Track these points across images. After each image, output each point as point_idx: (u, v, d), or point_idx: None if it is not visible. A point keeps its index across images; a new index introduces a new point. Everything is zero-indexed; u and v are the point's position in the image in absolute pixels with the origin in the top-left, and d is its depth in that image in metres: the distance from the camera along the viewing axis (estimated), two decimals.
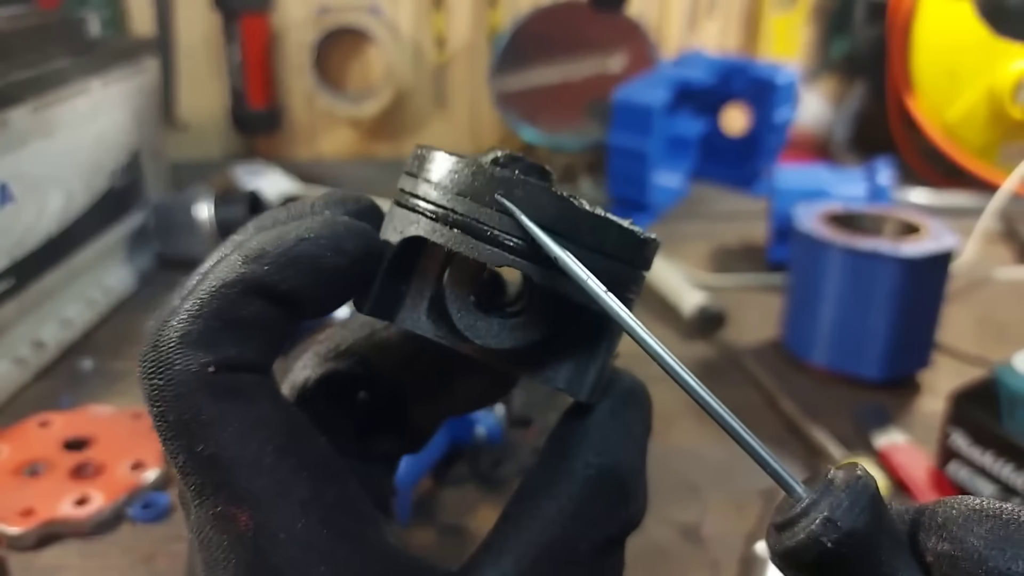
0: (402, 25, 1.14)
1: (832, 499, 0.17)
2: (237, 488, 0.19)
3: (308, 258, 0.21)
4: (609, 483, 0.22)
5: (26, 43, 0.66)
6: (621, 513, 0.22)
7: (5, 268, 0.59)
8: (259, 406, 0.20)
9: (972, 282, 0.81)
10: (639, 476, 0.23)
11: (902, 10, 1.04)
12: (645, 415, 0.25)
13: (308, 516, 0.19)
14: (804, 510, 0.18)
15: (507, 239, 0.20)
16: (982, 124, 1.01)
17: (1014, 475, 0.46)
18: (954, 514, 0.18)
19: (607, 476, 0.22)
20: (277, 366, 0.22)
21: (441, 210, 0.21)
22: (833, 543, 0.17)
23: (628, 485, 0.22)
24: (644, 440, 0.24)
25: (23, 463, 0.50)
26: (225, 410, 0.19)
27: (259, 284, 0.21)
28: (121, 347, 0.66)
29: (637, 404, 0.24)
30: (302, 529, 0.19)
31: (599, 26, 1.07)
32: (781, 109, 0.99)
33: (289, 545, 0.19)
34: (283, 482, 0.20)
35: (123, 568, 0.44)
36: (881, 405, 0.58)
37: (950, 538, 0.17)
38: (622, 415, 0.23)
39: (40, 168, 0.63)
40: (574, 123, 1.09)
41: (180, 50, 1.10)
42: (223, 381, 0.20)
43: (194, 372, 0.19)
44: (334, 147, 1.19)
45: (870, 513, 0.17)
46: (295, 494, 0.20)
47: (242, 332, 0.20)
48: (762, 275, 0.80)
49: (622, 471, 0.22)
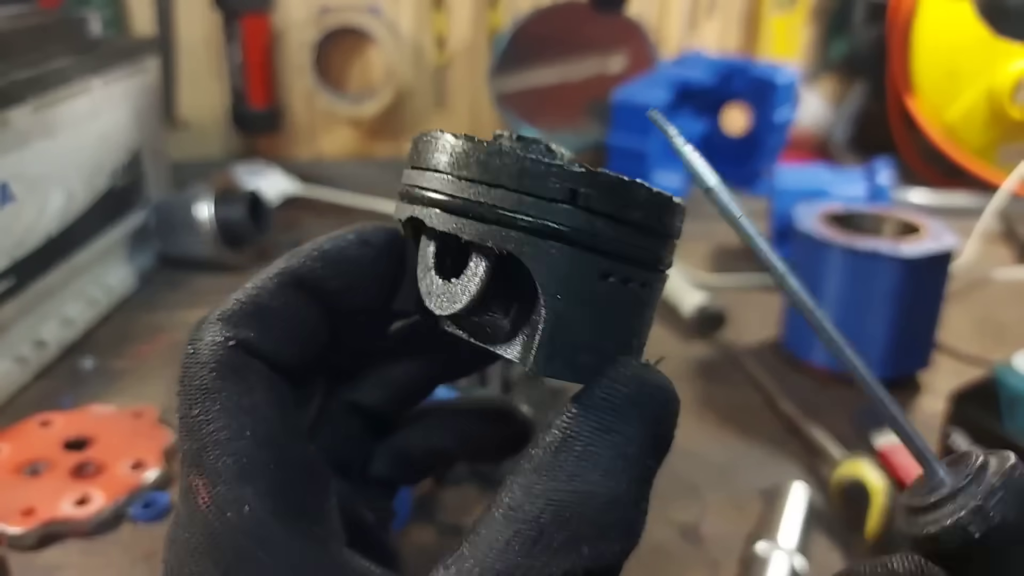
0: (402, 25, 1.14)
1: (984, 487, 0.17)
2: (205, 461, 0.20)
3: (336, 250, 0.23)
4: (572, 516, 0.19)
5: (27, 43, 0.66)
6: (583, 550, 0.19)
7: (6, 268, 0.59)
8: (255, 393, 0.21)
9: (972, 282, 0.81)
10: (620, 508, 0.19)
11: (902, 10, 1.04)
12: (650, 431, 0.20)
13: (261, 504, 0.20)
14: (951, 494, 0.17)
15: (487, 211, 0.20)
16: (982, 124, 1.01)
17: None
18: None
19: (571, 507, 0.19)
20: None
21: (437, 195, 0.21)
22: (982, 534, 0.16)
23: (600, 519, 0.19)
24: (642, 463, 0.20)
25: (24, 462, 0.50)
26: (224, 387, 0.21)
27: (292, 275, 0.23)
28: (122, 346, 0.66)
29: (640, 418, 0.20)
30: (249, 515, 0.20)
31: (599, 26, 1.07)
32: (781, 109, 0.99)
33: (235, 527, 0.20)
34: (248, 468, 0.20)
35: (124, 567, 0.44)
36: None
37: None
38: (613, 431, 0.20)
39: (41, 167, 0.63)
40: (574, 123, 1.10)
41: (181, 50, 1.10)
42: (232, 360, 0.21)
43: (214, 345, 0.21)
44: (334, 147, 1.19)
45: (1022, 507, 0.17)
46: (256, 483, 0.20)
47: (266, 319, 0.22)
48: (762, 275, 0.80)
49: (594, 504, 0.19)
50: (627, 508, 0.19)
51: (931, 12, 1.02)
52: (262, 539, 0.20)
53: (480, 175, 0.20)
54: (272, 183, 0.97)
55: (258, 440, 0.21)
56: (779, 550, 0.43)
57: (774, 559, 0.43)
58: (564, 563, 0.18)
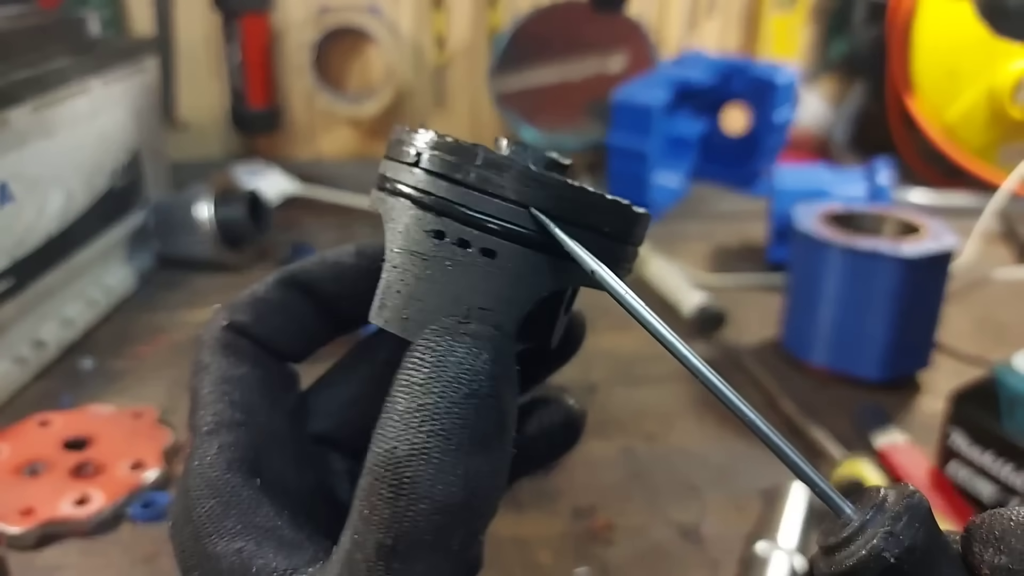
0: (402, 25, 1.14)
1: (890, 514, 0.17)
2: (194, 419, 0.24)
3: (333, 257, 0.26)
4: (378, 477, 0.18)
5: (26, 43, 0.66)
6: (384, 512, 0.18)
7: (5, 268, 0.59)
8: (241, 367, 0.25)
9: (972, 282, 0.81)
10: (421, 461, 0.18)
11: (902, 10, 1.04)
12: (447, 399, 0.19)
13: (221, 455, 0.23)
14: (860, 528, 0.17)
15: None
16: (982, 124, 1.01)
17: (1014, 475, 0.46)
18: (1011, 526, 0.17)
19: (377, 467, 0.18)
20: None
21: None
22: (896, 558, 0.17)
23: (401, 473, 0.18)
24: (441, 421, 0.18)
25: (23, 462, 0.50)
26: (215, 360, 0.25)
27: (289, 274, 0.26)
28: (121, 347, 0.66)
29: (438, 388, 0.19)
30: (208, 463, 0.23)
31: (599, 26, 1.07)
32: (781, 109, 0.99)
33: (195, 473, 0.23)
34: (219, 425, 0.23)
35: (123, 568, 0.44)
36: (881, 405, 0.59)
37: (1008, 551, 0.17)
38: (415, 394, 0.19)
39: (40, 168, 0.63)
40: (574, 123, 1.10)
41: (180, 50, 1.10)
42: (225, 339, 0.25)
43: (214, 328, 0.25)
44: (334, 147, 1.19)
45: (927, 528, 0.17)
46: (223, 437, 0.23)
47: (261, 309, 0.26)
48: (762, 275, 0.80)
49: (396, 456, 0.18)
50: (430, 459, 0.18)
51: (931, 12, 1.02)
52: (213, 485, 0.22)
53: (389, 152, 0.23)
54: (272, 183, 0.97)
55: (233, 404, 0.24)
56: (779, 550, 0.43)
57: (774, 559, 0.43)
58: (377, 533, 0.18)
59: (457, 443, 0.18)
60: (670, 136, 0.97)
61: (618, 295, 0.20)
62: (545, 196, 0.21)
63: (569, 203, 0.21)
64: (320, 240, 0.85)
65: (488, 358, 0.19)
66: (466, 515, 0.18)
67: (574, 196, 0.21)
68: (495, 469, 0.19)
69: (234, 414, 0.24)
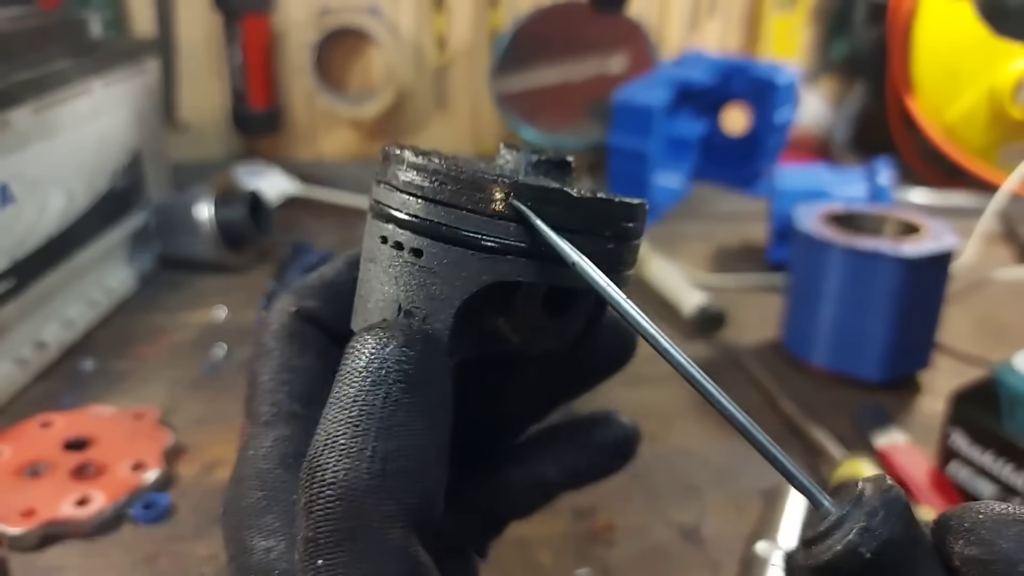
0: (403, 26, 1.14)
1: (866, 509, 0.17)
2: (250, 406, 0.24)
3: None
4: (303, 471, 0.19)
5: (27, 44, 0.66)
6: (303, 503, 0.19)
7: (6, 268, 0.59)
8: (306, 355, 0.24)
9: (972, 282, 0.81)
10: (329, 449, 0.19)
11: (902, 10, 1.04)
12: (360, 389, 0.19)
13: (276, 448, 0.23)
14: (837, 522, 0.18)
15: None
16: (982, 124, 1.01)
17: (1014, 475, 0.46)
18: (982, 518, 0.17)
19: (304, 462, 0.19)
20: None
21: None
22: (872, 552, 0.17)
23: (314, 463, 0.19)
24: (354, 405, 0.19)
25: (24, 463, 0.50)
26: (278, 346, 0.24)
27: (359, 257, 0.25)
28: (122, 347, 0.66)
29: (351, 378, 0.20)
30: (262, 454, 0.22)
31: (599, 27, 1.07)
32: (781, 110, 0.99)
33: (248, 465, 0.22)
34: (276, 416, 0.23)
35: (124, 568, 0.44)
36: (881, 406, 0.59)
37: (979, 542, 0.17)
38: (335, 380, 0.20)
39: (41, 169, 0.63)
40: (574, 124, 1.10)
41: (181, 51, 1.10)
42: (291, 325, 0.25)
43: (280, 312, 0.25)
44: (335, 148, 1.19)
45: (904, 522, 0.17)
46: (280, 429, 0.23)
47: (329, 293, 0.25)
48: (762, 275, 0.80)
49: (314, 448, 0.19)
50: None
51: (931, 12, 1.02)
52: (263, 477, 0.22)
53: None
54: (272, 184, 0.97)
55: (294, 394, 0.23)
56: (779, 550, 0.43)
57: (774, 559, 0.43)
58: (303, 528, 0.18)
59: (364, 429, 0.19)
60: (671, 136, 0.97)
61: (597, 284, 0.20)
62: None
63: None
64: (321, 241, 0.85)
65: (397, 346, 0.19)
66: (375, 498, 0.18)
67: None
68: (409, 451, 0.19)
69: (292, 405, 0.23)
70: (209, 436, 0.55)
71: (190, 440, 0.54)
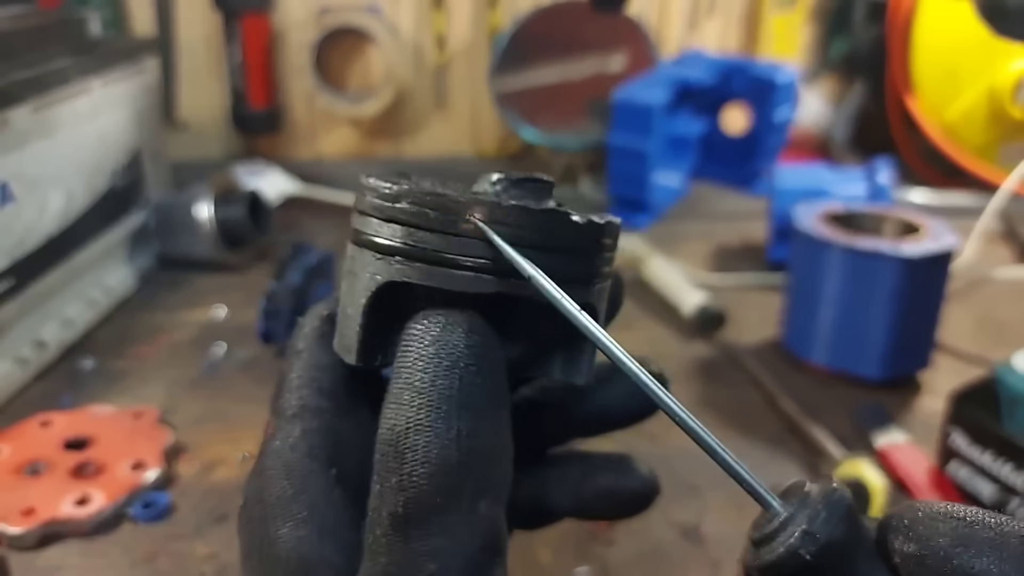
0: (402, 25, 1.14)
1: (809, 512, 0.18)
2: (278, 401, 0.24)
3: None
4: (384, 453, 0.20)
5: (27, 43, 0.66)
6: (392, 482, 0.19)
7: (6, 268, 0.59)
8: (334, 355, 0.24)
9: (972, 282, 0.81)
10: (416, 431, 0.20)
11: (902, 10, 1.04)
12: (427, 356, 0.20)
13: (303, 441, 0.23)
14: (782, 524, 0.18)
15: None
16: (982, 124, 1.01)
17: (1014, 475, 0.46)
18: (919, 515, 0.18)
19: (382, 445, 0.20)
20: None
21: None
22: (812, 555, 0.17)
23: (401, 445, 0.20)
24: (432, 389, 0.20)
25: (24, 463, 0.50)
26: (309, 346, 0.25)
27: None
28: (122, 347, 0.66)
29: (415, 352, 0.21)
30: (290, 448, 0.23)
31: (599, 26, 1.07)
32: (781, 109, 0.99)
33: (274, 456, 0.23)
34: (303, 410, 0.24)
35: (124, 568, 0.44)
36: (881, 405, 0.59)
37: (916, 538, 0.18)
38: (400, 368, 0.21)
39: (41, 168, 0.63)
40: (574, 123, 1.10)
41: (180, 50, 1.10)
42: (322, 328, 0.25)
43: (313, 316, 0.26)
44: (334, 147, 1.19)
45: (846, 524, 0.18)
46: (306, 423, 0.24)
47: None
48: (762, 275, 0.80)
49: (396, 431, 0.20)
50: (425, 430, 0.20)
51: (931, 12, 1.02)
52: (290, 467, 0.23)
53: None
54: (272, 183, 0.97)
55: (322, 391, 0.24)
56: None
57: None
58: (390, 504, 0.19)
59: (446, 411, 0.20)
60: (670, 136, 0.97)
61: (548, 294, 0.21)
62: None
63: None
64: (320, 240, 0.85)
65: (463, 332, 0.20)
66: (465, 473, 0.20)
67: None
68: (486, 430, 0.20)
69: (320, 401, 0.24)
70: (209, 435, 0.55)
71: (190, 439, 0.54)
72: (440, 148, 1.19)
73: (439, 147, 1.19)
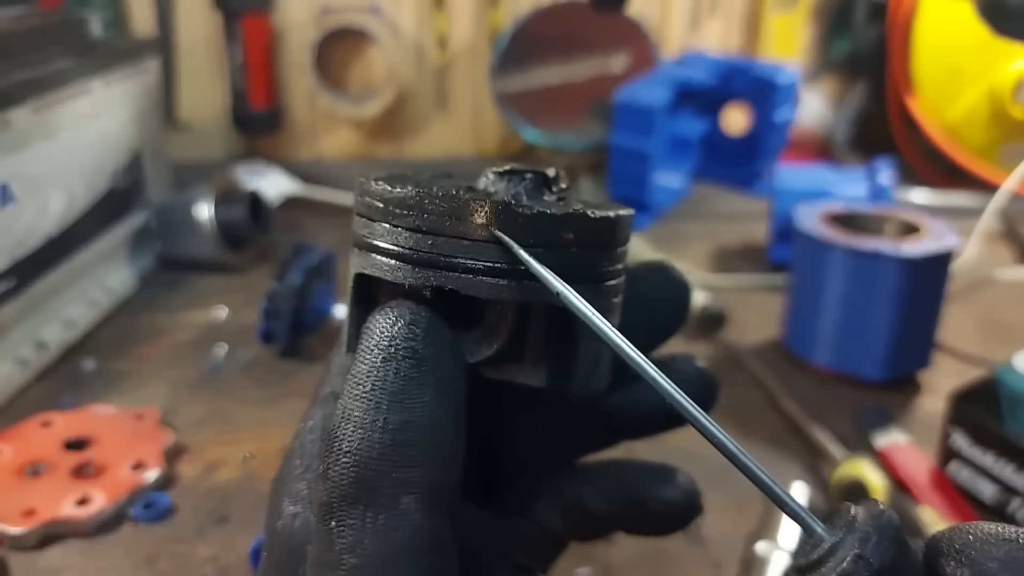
0: (403, 25, 1.14)
1: (859, 535, 0.17)
2: (319, 388, 0.26)
3: None
4: (323, 436, 0.22)
5: (27, 44, 0.66)
6: (320, 471, 0.20)
7: (6, 268, 0.59)
8: None
9: (973, 282, 0.81)
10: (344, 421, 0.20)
11: (902, 10, 1.03)
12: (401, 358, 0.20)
13: (320, 424, 0.25)
14: (831, 549, 0.17)
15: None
16: (983, 124, 1.01)
17: (1015, 475, 0.46)
18: (971, 539, 0.17)
19: (324, 429, 0.23)
20: None
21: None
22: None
23: (331, 434, 0.20)
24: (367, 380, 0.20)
25: (25, 463, 0.50)
26: (349, 338, 0.25)
27: None
28: (123, 348, 0.66)
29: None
30: (309, 429, 0.25)
31: (600, 26, 1.07)
32: (782, 109, 0.99)
33: (298, 435, 0.25)
34: (330, 396, 0.25)
35: (125, 568, 0.44)
36: (882, 405, 0.58)
37: (969, 563, 0.17)
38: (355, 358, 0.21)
39: (41, 168, 0.63)
40: (575, 123, 1.10)
41: (181, 50, 1.10)
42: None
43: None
44: (335, 147, 1.19)
45: (896, 547, 0.17)
46: (325, 409, 0.25)
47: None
48: (763, 275, 0.80)
49: (332, 422, 0.21)
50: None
51: (932, 12, 1.02)
52: (305, 447, 0.24)
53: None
54: (273, 184, 0.97)
55: None
56: (779, 550, 0.43)
57: (774, 559, 0.43)
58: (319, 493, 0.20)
59: (376, 403, 0.20)
60: (672, 136, 0.97)
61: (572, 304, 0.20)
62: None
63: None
64: (321, 240, 0.85)
65: (404, 324, 0.20)
66: (387, 467, 0.19)
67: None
68: (419, 425, 0.20)
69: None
70: (210, 436, 0.55)
71: (191, 440, 0.54)
72: (441, 148, 1.19)
73: (440, 147, 1.19)
